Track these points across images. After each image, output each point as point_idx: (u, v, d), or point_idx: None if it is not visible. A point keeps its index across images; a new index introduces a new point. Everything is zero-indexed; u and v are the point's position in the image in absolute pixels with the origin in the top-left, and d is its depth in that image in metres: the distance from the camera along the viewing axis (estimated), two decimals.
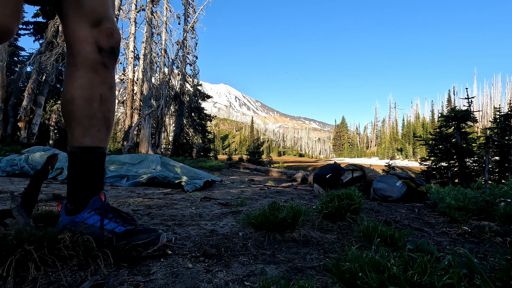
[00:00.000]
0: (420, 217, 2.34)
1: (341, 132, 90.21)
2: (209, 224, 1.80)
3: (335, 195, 1.94)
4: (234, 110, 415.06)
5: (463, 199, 2.47)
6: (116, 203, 2.48)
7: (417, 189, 3.75)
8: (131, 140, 12.92)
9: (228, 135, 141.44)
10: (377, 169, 7.21)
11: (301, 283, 0.89)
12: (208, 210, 2.32)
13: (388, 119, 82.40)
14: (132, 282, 0.96)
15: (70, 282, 0.94)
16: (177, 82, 17.15)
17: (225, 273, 1.07)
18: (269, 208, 1.62)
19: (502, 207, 2.10)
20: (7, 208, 1.27)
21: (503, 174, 8.74)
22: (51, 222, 1.43)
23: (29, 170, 4.02)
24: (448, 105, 65.53)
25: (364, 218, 1.96)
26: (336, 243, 1.49)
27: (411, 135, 63.46)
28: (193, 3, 16.79)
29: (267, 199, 3.18)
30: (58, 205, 1.28)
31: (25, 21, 15.08)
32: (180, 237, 1.49)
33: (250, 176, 8.38)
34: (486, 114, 66.24)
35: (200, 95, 19.27)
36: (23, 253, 0.96)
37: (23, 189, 1.30)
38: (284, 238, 1.49)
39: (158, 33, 15.15)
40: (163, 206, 2.42)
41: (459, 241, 1.67)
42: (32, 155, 4.54)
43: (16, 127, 12.34)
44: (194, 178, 4.34)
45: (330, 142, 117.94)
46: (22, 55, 19.34)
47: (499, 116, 9.34)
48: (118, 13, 11.57)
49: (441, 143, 9.33)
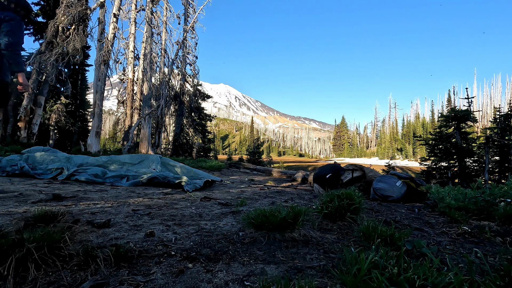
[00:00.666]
0: (420, 217, 2.34)
1: (341, 132, 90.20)
2: (209, 224, 1.80)
3: (335, 195, 1.94)
4: (234, 110, 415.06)
5: (463, 199, 2.47)
6: (116, 203, 2.48)
7: (417, 189, 3.75)
8: (131, 140, 12.92)
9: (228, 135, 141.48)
10: (377, 169, 7.20)
11: (302, 283, 0.89)
12: (208, 210, 2.32)
13: (388, 119, 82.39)
14: (132, 282, 0.96)
15: (70, 282, 0.94)
16: (177, 82, 17.15)
17: (225, 273, 1.07)
18: (269, 208, 1.62)
19: (502, 207, 2.10)
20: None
21: (503, 174, 8.74)
22: (51, 222, 1.43)
23: (29, 170, 4.02)
24: (448, 105, 65.52)
25: (364, 218, 1.96)
26: (336, 243, 1.49)
27: (411, 135, 63.45)
28: (193, 3, 16.79)
29: (267, 199, 3.18)
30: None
31: (25, 21, 15.08)
32: (180, 237, 1.48)
33: (250, 176, 8.37)
34: (486, 114, 66.22)
35: (200, 95, 19.26)
36: (23, 253, 0.96)
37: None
38: (284, 238, 1.49)
39: (158, 33, 15.15)
40: (163, 206, 2.42)
41: (459, 241, 1.67)
42: (32, 155, 4.54)
43: (16, 127, 12.34)
44: (194, 178, 4.34)
45: (330, 142, 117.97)
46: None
47: (499, 116, 9.33)
48: (118, 13, 11.57)
49: (441, 143, 9.33)
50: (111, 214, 1.98)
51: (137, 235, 1.50)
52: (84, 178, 3.86)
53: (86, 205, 2.29)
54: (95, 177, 3.95)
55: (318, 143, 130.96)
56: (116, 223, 1.73)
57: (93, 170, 4.13)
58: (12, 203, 2.20)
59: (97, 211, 2.06)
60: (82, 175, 3.94)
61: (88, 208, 2.16)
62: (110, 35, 11.01)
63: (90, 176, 3.94)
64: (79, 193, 2.93)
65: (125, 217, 1.91)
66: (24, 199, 2.41)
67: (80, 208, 2.17)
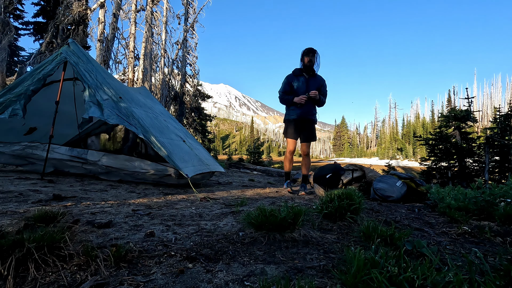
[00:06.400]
0: (420, 217, 2.34)
1: (341, 132, 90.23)
2: (209, 224, 1.80)
3: (335, 195, 1.94)
4: (234, 110, 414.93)
5: (463, 199, 2.47)
6: (116, 203, 2.48)
7: (417, 189, 3.75)
8: (131, 140, 12.92)
9: (228, 135, 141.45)
10: (377, 169, 7.21)
11: (302, 283, 0.89)
12: (208, 210, 2.32)
13: (388, 119, 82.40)
14: (132, 282, 0.96)
15: (70, 282, 0.94)
16: (177, 82, 17.15)
17: (225, 273, 1.07)
18: (269, 208, 1.62)
19: (502, 207, 2.10)
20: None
21: (503, 174, 8.73)
22: (51, 222, 1.43)
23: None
24: (448, 105, 65.51)
25: (364, 218, 1.96)
26: (336, 243, 1.49)
27: (411, 135, 63.45)
28: (193, 3, 16.80)
29: (267, 199, 3.18)
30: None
31: (25, 21, 15.08)
32: (180, 237, 1.48)
33: (250, 176, 8.37)
34: (486, 114, 66.22)
35: (200, 95, 19.27)
36: (23, 253, 0.96)
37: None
38: (284, 238, 1.49)
39: (158, 33, 15.16)
40: (163, 206, 2.42)
41: (459, 241, 1.67)
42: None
43: None
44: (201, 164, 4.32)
45: (330, 142, 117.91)
46: (22, 55, 19.34)
47: (499, 116, 9.32)
48: (118, 13, 11.57)
49: (441, 143, 9.32)
50: (111, 214, 1.98)
51: (137, 235, 1.50)
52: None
53: (86, 205, 2.29)
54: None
55: (318, 143, 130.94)
56: (116, 223, 1.73)
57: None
58: (12, 203, 2.20)
59: (97, 211, 2.06)
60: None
61: (88, 208, 2.16)
62: (110, 35, 11.01)
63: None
64: (79, 193, 2.93)
65: (125, 217, 1.91)
66: (24, 199, 2.41)
67: (80, 208, 2.17)
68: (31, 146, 4.19)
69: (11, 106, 3.62)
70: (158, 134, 3.91)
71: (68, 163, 4.26)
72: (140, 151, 5.20)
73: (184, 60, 16.93)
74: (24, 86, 3.79)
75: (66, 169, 4.37)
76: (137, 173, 4.05)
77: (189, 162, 4.04)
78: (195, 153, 4.52)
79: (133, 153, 4.96)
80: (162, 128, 4.34)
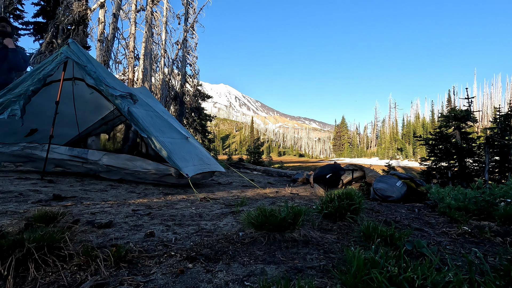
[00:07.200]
0: (420, 217, 2.34)
1: (341, 132, 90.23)
2: (209, 224, 1.80)
3: (335, 195, 1.94)
4: (234, 110, 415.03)
5: (463, 199, 2.47)
6: (116, 203, 2.48)
7: (417, 189, 3.75)
8: (132, 140, 12.93)
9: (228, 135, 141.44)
10: (377, 169, 7.20)
11: (302, 283, 0.89)
12: (208, 210, 2.32)
13: (388, 119, 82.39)
14: (132, 282, 0.96)
15: (70, 282, 0.94)
16: (177, 82, 17.15)
17: (225, 273, 1.07)
18: (269, 208, 1.62)
19: (502, 207, 2.10)
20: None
21: (503, 174, 8.73)
22: (51, 222, 1.43)
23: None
24: (448, 105, 65.51)
25: (364, 218, 1.96)
26: (336, 243, 1.49)
27: (411, 135, 63.45)
28: (193, 3, 16.80)
29: (267, 199, 3.18)
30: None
31: (25, 21, 15.07)
32: (180, 237, 1.48)
33: (250, 176, 8.37)
34: (486, 114, 66.21)
35: (200, 95, 19.27)
36: (23, 253, 0.96)
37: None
38: (284, 238, 1.49)
39: (158, 33, 15.16)
40: (163, 206, 2.42)
41: (459, 241, 1.67)
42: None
43: None
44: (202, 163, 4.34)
45: (330, 142, 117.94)
46: None
47: (499, 116, 9.32)
48: (118, 13, 11.57)
49: (441, 143, 9.32)
50: (111, 214, 1.98)
51: (137, 235, 1.50)
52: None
53: (86, 205, 2.29)
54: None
55: (318, 143, 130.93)
56: (116, 223, 1.73)
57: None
58: (12, 203, 2.20)
59: (97, 211, 2.06)
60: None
61: (88, 208, 2.16)
62: (110, 35, 11.01)
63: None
64: (79, 193, 2.93)
65: (125, 217, 1.91)
66: (24, 199, 2.41)
67: (80, 208, 2.17)
68: (30, 147, 4.19)
69: (10, 107, 3.62)
70: (158, 134, 3.91)
71: (68, 163, 4.26)
72: (140, 150, 5.20)
73: (184, 60, 16.92)
74: (24, 86, 3.79)
75: (67, 168, 4.37)
76: (138, 172, 4.05)
77: (190, 161, 4.04)
78: (196, 152, 4.53)
79: (134, 153, 4.96)
80: (163, 127, 4.34)
